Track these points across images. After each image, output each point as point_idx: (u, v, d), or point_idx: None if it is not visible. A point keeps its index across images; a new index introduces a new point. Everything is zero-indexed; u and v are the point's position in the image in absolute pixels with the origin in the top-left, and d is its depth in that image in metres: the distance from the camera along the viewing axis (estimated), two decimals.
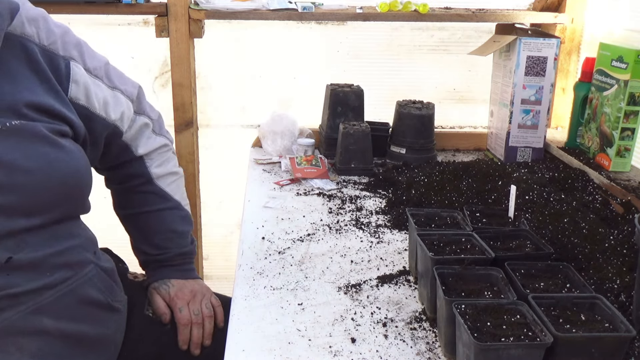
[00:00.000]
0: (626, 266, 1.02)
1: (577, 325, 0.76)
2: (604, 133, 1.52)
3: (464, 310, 0.78)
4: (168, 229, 1.20)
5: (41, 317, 0.93)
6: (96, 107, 1.05)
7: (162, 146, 1.23)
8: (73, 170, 0.96)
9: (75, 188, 0.98)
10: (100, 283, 1.04)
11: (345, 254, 1.15)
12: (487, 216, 1.11)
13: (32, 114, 0.92)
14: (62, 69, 0.99)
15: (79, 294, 0.98)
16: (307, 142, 1.69)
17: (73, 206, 1.00)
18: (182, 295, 1.18)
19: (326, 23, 1.95)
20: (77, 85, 1.01)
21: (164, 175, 1.22)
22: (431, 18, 1.83)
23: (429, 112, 1.68)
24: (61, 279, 0.95)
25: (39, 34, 0.96)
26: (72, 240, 0.99)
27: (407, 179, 1.49)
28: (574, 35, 1.87)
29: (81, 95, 1.02)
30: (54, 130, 0.94)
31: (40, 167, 0.91)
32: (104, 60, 1.11)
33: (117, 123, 1.11)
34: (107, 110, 1.07)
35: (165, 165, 1.23)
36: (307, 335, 0.88)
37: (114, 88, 1.10)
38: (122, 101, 1.11)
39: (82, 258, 1.01)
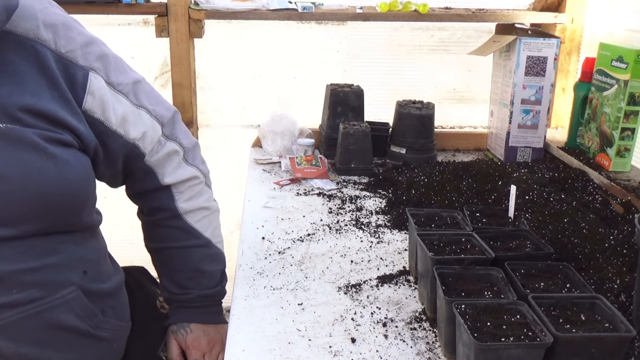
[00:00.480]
0: (626, 266, 1.02)
1: (577, 325, 0.76)
2: (604, 133, 1.52)
3: (464, 310, 0.78)
4: (192, 268, 1.11)
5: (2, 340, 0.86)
6: (112, 122, 0.98)
7: (192, 178, 1.11)
8: (60, 182, 0.89)
9: (62, 201, 0.89)
10: (80, 308, 0.94)
11: (345, 254, 1.15)
12: (487, 216, 1.11)
13: (28, 118, 0.87)
14: (79, 79, 0.93)
15: (48, 317, 0.90)
16: (307, 142, 1.69)
17: (60, 220, 0.92)
18: (198, 345, 1.11)
19: (326, 23, 1.95)
20: (93, 98, 0.95)
21: (193, 211, 1.11)
22: (431, 18, 1.83)
23: (429, 112, 1.68)
24: (28, 299, 0.87)
25: (55, 41, 0.92)
26: (52, 257, 0.91)
27: (407, 179, 1.49)
28: (574, 35, 1.87)
29: (97, 109, 0.96)
30: (49, 137, 0.88)
31: (18, 175, 0.85)
32: (136, 78, 1.04)
33: (138, 143, 1.02)
34: (125, 128, 1.00)
35: (196, 200, 1.11)
36: (307, 335, 0.88)
37: (139, 106, 1.02)
38: (146, 121, 1.03)
39: (61, 278, 0.92)
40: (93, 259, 1.00)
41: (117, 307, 1.05)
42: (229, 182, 2.07)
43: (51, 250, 0.91)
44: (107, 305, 1.02)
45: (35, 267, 0.88)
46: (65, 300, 0.92)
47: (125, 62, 1.06)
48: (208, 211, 1.13)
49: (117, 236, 1.27)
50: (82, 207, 0.95)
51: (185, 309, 1.12)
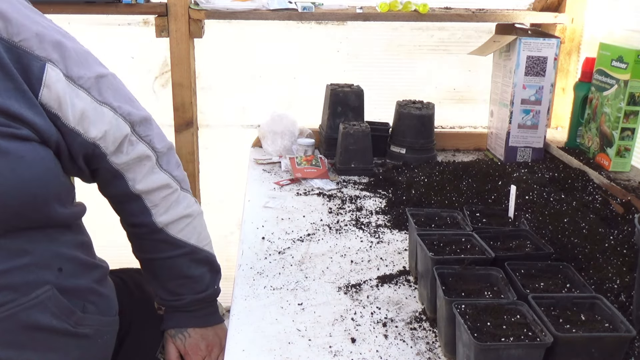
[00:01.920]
0: (626, 266, 1.02)
1: (577, 325, 0.76)
2: (604, 133, 1.52)
3: (464, 310, 0.78)
4: (181, 276, 1.08)
5: None
6: (70, 119, 0.90)
7: (165, 186, 1.04)
8: (15, 181, 0.83)
9: (20, 200, 0.84)
10: (56, 307, 0.91)
11: (345, 254, 1.15)
12: (487, 216, 1.11)
13: None
14: (35, 70, 0.86)
15: (23, 318, 0.87)
16: (307, 142, 1.69)
17: (23, 219, 0.87)
18: (197, 349, 1.11)
19: (326, 23, 1.95)
20: (49, 91, 0.88)
21: (173, 222, 1.05)
22: (431, 18, 1.83)
23: (429, 112, 1.68)
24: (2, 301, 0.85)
25: (7, 29, 0.85)
26: (22, 258, 0.87)
27: (407, 179, 1.49)
28: (574, 35, 1.87)
29: (53, 103, 0.89)
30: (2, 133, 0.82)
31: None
32: (101, 72, 0.96)
33: (98, 142, 0.94)
34: (84, 125, 0.92)
35: (174, 210, 1.05)
36: (307, 335, 0.88)
37: (102, 103, 0.94)
38: (110, 119, 0.95)
39: (34, 278, 0.89)
40: (69, 255, 0.96)
41: (100, 301, 1.02)
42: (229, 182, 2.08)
43: (20, 250, 0.87)
44: (87, 300, 0.98)
45: (5, 270, 0.85)
46: (39, 300, 0.89)
47: (94, 55, 0.98)
48: (190, 218, 1.08)
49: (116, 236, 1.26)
50: (47, 203, 0.89)
51: (180, 314, 1.11)
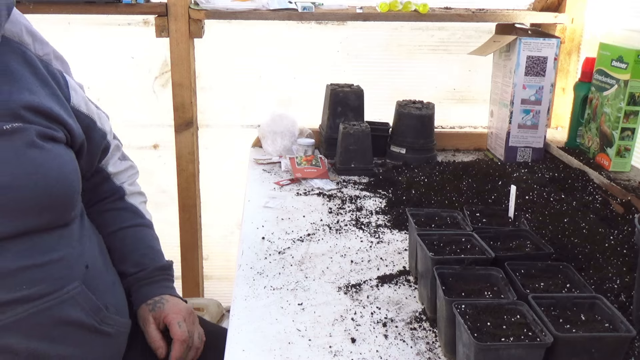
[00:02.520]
0: (626, 266, 1.02)
1: (577, 326, 0.76)
2: (604, 133, 1.52)
3: (464, 310, 0.78)
4: (145, 245, 1.17)
5: (9, 335, 0.86)
6: (95, 117, 1.07)
7: (130, 167, 1.23)
8: (60, 176, 0.93)
9: (61, 194, 0.93)
10: (85, 302, 0.96)
11: (345, 254, 1.15)
12: (487, 216, 1.11)
13: (29, 116, 0.90)
14: (59, 77, 1.00)
15: (56, 312, 0.91)
16: (307, 142, 1.69)
17: (59, 214, 0.95)
18: (178, 310, 1.11)
19: (326, 23, 1.95)
20: (76, 94, 1.02)
21: (134, 194, 1.22)
22: (431, 18, 1.83)
23: (429, 112, 1.68)
24: (38, 294, 0.89)
25: (34, 45, 0.98)
26: (56, 252, 0.93)
27: (407, 179, 1.49)
28: (574, 35, 1.88)
29: (82, 104, 1.04)
30: (45, 134, 0.92)
31: (28, 171, 0.88)
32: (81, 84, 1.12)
33: (108, 137, 1.13)
34: (101, 122, 1.10)
35: (135, 186, 1.23)
36: (307, 335, 0.88)
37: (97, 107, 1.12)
38: (105, 118, 1.14)
39: (66, 274, 0.94)
40: (93, 254, 1.03)
41: (117, 303, 1.07)
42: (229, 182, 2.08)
43: (54, 245, 0.93)
44: (108, 301, 1.03)
45: (42, 263, 0.90)
46: (71, 295, 0.94)
47: None
48: (145, 198, 1.25)
49: None
50: (77, 199, 0.99)
51: (147, 286, 1.14)
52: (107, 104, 1.26)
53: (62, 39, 1.39)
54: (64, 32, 1.88)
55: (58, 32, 1.87)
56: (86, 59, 1.91)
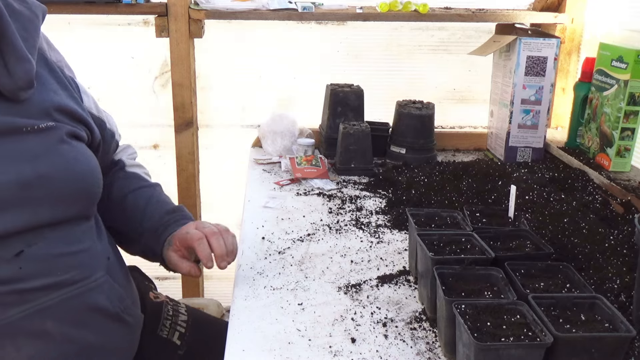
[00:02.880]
0: (626, 266, 1.02)
1: (577, 326, 0.76)
2: (604, 133, 1.52)
3: (464, 310, 0.78)
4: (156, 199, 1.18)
5: (45, 319, 0.91)
6: (104, 118, 1.12)
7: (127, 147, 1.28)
8: (88, 170, 0.99)
9: (89, 187, 1.00)
10: (111, 292, 1.01)
11: (345, 254, 1.15)
12: (487, 216, 1.11)
13: (59, 116, 0.97)
14: (71, 82, 1.06)
15: (87, 299, 0.96)
16: (307, 142, 1.69)
17: (86, 207, 1.01)
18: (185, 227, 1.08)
19: (326, 23, 1.95)
20: (87, 97, 1.08)
21: (134, 166, 1.25)
22: (431, 18, 1.83)
23: (429, 112, 1.68)
24: (71, 280, 0.94)
25: (49, 52, 1.04)
26: (82, 243, 0.98)
27: (407, 179, 1.49)
28: (574, 35, 1.88)
29: (92, 106, 1.09)
30: (72, 133, 0.98)
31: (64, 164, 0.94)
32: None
33: (116, 136, 1.18)
34: (110, 123, 1.15)
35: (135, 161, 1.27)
36: (307, 335, 0.88)
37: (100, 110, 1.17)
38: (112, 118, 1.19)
39: (95, 263, 0.99)
40: (112, 248, 1.08)
41: (132, 295, 1.11)
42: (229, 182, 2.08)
43: (80, 237, 0.98)
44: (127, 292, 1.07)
45: (75, 251, 0.95)
46: (98, 283, 0.98)
47: None
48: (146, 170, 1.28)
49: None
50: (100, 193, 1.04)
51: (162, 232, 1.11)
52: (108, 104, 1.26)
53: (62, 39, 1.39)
54: (64, 32, 1.88)
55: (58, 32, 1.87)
56: (86, 59, 1.91)
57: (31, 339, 0.90)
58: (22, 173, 0.89)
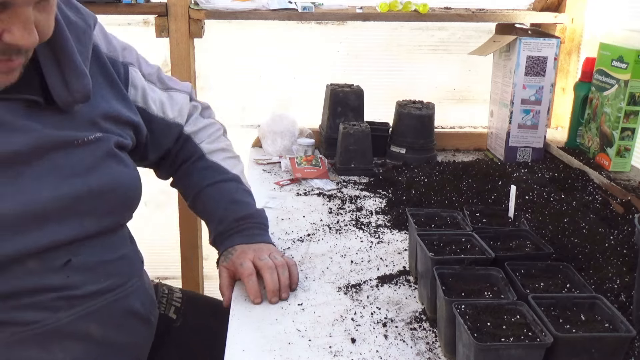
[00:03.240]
0: (626, 266, 1.02)
1: (577, 326, 0.76)
2: (604, 133, 1.52)
3: (463, 310, 0.78)
4: (228, 200, 1.14)
5: (89, 322, 0.94)
6: (153, 109, 1.11)
7: (211, 124, 1.25)
8: (132, 182, 1.01)
9: (130, 198, 1.02)
10: (144, 296, 1.05)
11: (345, 254, 1.15)
12: (487, 216, 1.11)
13: (105, 124, 0.97)
14: (122, 74, 1.05)
15: (124, 304, 0.99)
16: (307, 142, 1.69)
17: (125, 216, 1.04)
18: (244, 254, 1.04)
19: (326, 23, 1.95)
20: (135, 90, 1.07)
21: (216, 151, 1.21)
22: (431, 18, 1.83)
23: (429, 112, 1.68)
24: (113, 286, 0.97)
25: (103, 43, 1.03)
26: (123, 249, 1.01)
27: (407, 179, 1.49)
28: (574, 35, 1.87)
29: (139, 99, 1.08)
30: (119, 143, 0.99)
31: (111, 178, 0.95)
32: (157, 67, 1.17)
33: (178, 120, 1.16)
34: (164, 110, 1.13)
35: (217, 143, 1.23)
36: (307, 336, 0.88)
37: (168, 89, 1.16)
38: (178, 98, 1.17)
39: (131, 269, 1.03)
40: (141, 256, 1.11)
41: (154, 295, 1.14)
42: None
43: (118, 244, 1.01)
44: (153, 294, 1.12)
45: (113, 259, 0.98)
46: (133, 288, 1.01)
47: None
48: (230, 153, 1.24)
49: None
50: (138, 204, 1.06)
51: (226, 239, 1.10)
52: None
53: None
54: None
55: None
56: None
57: (76, 341, 0.92)
58: (74, 187, 0.90)
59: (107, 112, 0.98)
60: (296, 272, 1.03)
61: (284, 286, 0.99)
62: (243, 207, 1.13)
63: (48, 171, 0.88)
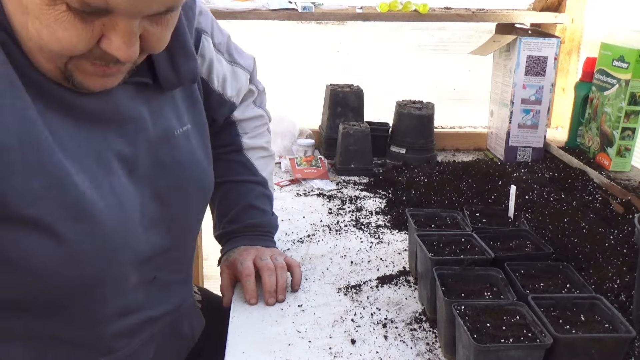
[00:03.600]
0: (626, 266, 1.02)
1: (577, 326, 0.76)
2: (605, 133, 1.52)
3: (463, 311, 0.78)
4: (247, 204, 1.09)
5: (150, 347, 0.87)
6: (215, 83, 1.00)
7: (259, 117, 1.15)
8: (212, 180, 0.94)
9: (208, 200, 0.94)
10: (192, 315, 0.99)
11: (345, 255, 1.15)
12: (487, 216, 1.11)
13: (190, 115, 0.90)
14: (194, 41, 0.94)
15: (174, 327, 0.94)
16: (307, 143, 1.69)
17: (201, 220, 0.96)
18: (246, 253, 1.03)
19: (326, 23, 1.95)
20: (202, 60, 0.96)
21: (254, 148, 1.14)
22: (431, 18, 1.83)
23: (429, 112, 1.68)
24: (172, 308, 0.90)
25: (198, 19, 0.93)
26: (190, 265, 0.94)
27: (407, 179, 1.49)
28: (574, 35, 1.87)
29: (204, 69, 0.97)
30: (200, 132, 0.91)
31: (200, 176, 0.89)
32: (227, 35, 1.04)
33: (234, 100, 1.06)
34: (224, 87, 1.02)
35: (258, 139, 1.15)
36: (307, 337, 0.88)
37: (233, 63, 1.04)
38: (241, 76, 1.06)
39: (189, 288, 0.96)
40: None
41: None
42: None
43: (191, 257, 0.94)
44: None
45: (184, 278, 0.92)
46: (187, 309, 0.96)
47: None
48: (267, 152, 1.17)
49: None
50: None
51: (232, 239, 1.09)
52: None
53: None
54: None
55: None
56: None
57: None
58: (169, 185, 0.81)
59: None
60: (299, 273, 1.02)
61: (280, 288, 0.98)
62: (258, 214, 1.10)
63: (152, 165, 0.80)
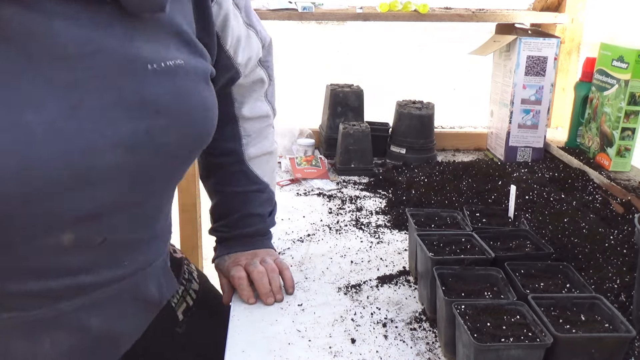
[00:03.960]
0: (626, 266, 1.02)
1: (577, 326, 0.76)
2: (604, 133, 1.52)
3: (463, 310, 0.78)
4: (247, 212, 1.06)
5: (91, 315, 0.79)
6: (227, 41, 0.88)
7: (265, 117, 1.06)
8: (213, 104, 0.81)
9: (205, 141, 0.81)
10: (163, 277, 0.91)
11: (345, 255, 1.15)
12: (487, 216, 1.11)
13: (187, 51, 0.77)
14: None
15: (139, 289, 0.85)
16: (307, 143, 1.69)
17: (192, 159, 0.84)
18: (238, 260, 1.02)
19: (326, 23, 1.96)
20: (218, 8, 0.84)
21: (258, 157, 1.07)
22: (431, 18, 1.83)
23: (429, 112, 1.68)
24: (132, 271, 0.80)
25: None
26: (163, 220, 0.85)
27: (407, 179, 1.49)
28: (574, 35, 1.87)
29: (219, 22, 0.85)
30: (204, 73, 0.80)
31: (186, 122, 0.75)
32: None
33: (240, 68, 0.93)
34: (236, 50, 0.90)
35: (262, 145, 1.07)
36: (307, 336, 0.88)
37: (249, 26, 0.94)
38: (254, 44, 0.95)
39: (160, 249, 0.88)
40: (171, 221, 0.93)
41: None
42: None
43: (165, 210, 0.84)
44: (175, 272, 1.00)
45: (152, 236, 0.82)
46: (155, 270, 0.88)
47: None
48: (270, 155, 1.09)
49: None
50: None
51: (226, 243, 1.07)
52: None
53: None
54: None
55: None
56: None
57: (70, 334, 0.78)
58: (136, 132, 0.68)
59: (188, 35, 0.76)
60: (289, 275, 1.01)
61: (275, 288, 0.97)
62: (255, 222, 1.07)
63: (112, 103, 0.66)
